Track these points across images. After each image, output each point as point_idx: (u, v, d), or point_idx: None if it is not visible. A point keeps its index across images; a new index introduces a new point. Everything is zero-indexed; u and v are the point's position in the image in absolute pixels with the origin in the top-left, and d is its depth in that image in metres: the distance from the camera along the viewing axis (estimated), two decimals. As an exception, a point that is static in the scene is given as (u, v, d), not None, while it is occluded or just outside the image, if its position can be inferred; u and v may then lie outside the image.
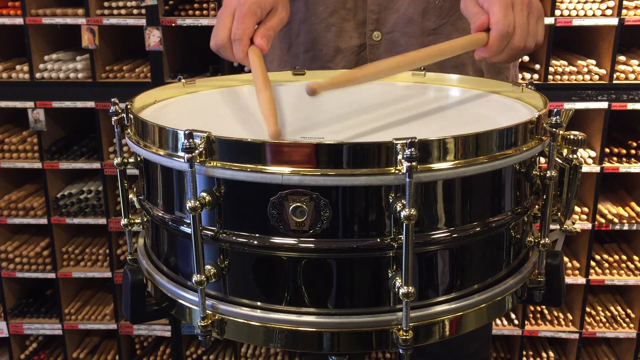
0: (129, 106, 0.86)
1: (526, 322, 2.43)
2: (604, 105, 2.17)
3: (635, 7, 2.13)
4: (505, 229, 0.79)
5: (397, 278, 0.70)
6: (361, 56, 1.26)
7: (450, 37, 1.21)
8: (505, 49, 0.95)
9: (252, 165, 0.68)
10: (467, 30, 1.17)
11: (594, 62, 2.18)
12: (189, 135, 0.68)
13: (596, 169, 2.23)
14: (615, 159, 2.27)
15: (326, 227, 0.69)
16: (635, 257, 2.35)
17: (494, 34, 0.92)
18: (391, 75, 0.91)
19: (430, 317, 0.74)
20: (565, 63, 2.20)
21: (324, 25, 1.24)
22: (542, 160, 0.87)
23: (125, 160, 0.87)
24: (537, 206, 0.86)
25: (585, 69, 2.17)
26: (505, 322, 2.45)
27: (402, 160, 0.65)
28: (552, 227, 0.85)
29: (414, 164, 0.64)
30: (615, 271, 2.37)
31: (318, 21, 1.24)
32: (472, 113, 0.99)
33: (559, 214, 0.88)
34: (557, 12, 2.11)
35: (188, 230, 0.75)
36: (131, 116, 0.85)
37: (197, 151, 0.68)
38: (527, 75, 2.17)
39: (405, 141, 0.65)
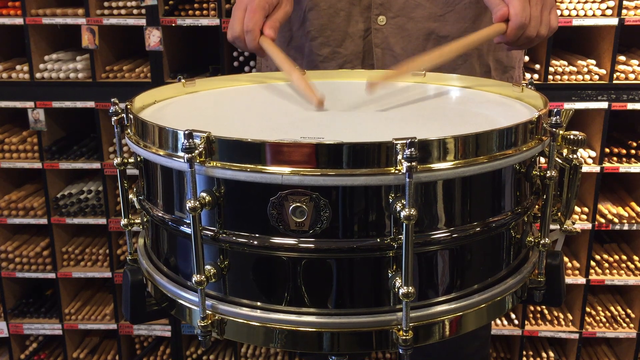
0: (128, 106, 0.86)
1: (526, 322, 2.43)
2: (604, 105, 2.17)
3: (635, 7, 2.13)
4: (505, 229, 0.79)
5: (397, 278, 0.70)
6: (367, 40, 1.28)
7: (455, 24, 1.24)
8: (520, 38, 1.06)
9: (252, 166, 0.68)
10: (471, 18, 1.25)
11: (594, 62, 2.18)
12: (189, 135, 0.68)
13: (596, 169, 2.23)
14: (615, 159, 2.27)
15: (326, 227, 0.69)
16: (635, 257, 2.35)
17: (512, 24, 1.03)
18: (434, 66, 1.05)
19: (430, 317, 0.73)
20: (565, 63, 2.20)
21: (333, 11, 1.27)
22: (542, 160, 0.87)
23: (125, 160, 0.86)
24: (537, 206, 0.86)
25: (585, 69, 2.17)
26: (505, 322, 2.45)
27: (402, 160, 0.65)
28: (552, 227, 0.85)
29: (414, 164, 0.64)
30: (615, 271, 2.37)
31: (327, 7, 1.27)
32: (472, 113, 0.99)
33: (559, 214, 0.88)
34: (557, 12, 2.11)
35: (188, 230, 0.75)
36: (131, 116, 0.85)
37: (197, 151, 0.68)
38: (527, 75, 2.17)
39: (405, 141, 0.65)
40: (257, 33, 1.09)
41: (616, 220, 2.27)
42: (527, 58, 2.21)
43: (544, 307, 2.43)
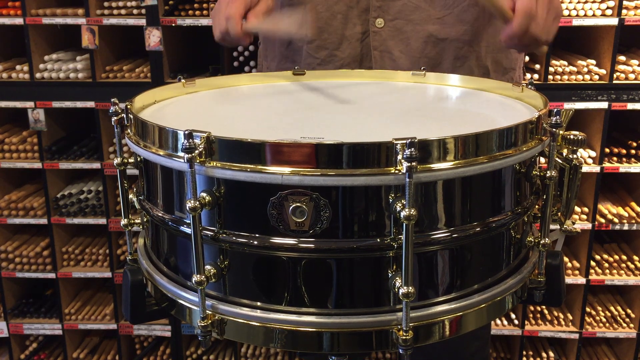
0: (128, 106, 0.86)
1: (526, 322, 2.43)
2: (604, 105, 2.17)
3: (635, 7, 2.13)
4: (505, 229, 0.79)
5: (397, 278, 0.70)
6: (365, 43, 1.28)
7: (454, 27, 1.24)
8: (526, 35, 1.00)
9: (252, 166, 0.68)
10: (469, 21, 1.26)
11: (594, 62, 2.18)
12: (189, 135, 0.68)
13: (596, 169, 2.23)
14: (615, 159, 2.27)
15: (326, 227, 0.69)
16: (635, 257, 2.35)
17: (519, 10, 0.98)
18: None
19: (430, 317, 0.74)
20: (565, 63, 2.20)
21: (330, 14, 1.26)
22: (542, 160, 0.87)
23: (125, 160, 0.87)
24: (537, 206, 0.86)
25: (585, 69, 2.17)
26: (505, 322, 2.45)
27: (402, 160, 0.65)
28: (552, 227, 0.85)
29: (414, 164, 0.64)
30: (615, 271, 2.37)
31: (324, 9, 1.27)
32: (472, 113, 0.99)
33: (559, 214, 0.88)
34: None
35: (188, 230, 0.75)
36: (131, 116, 0.85)
37: (197, 151, 0.68)
38: (527, 75, 2.17)
39: (405, 141, 0.65)
40: (238, 20, 1.07)
41: (616, 220, 2.27)
42: (527, 58, 2.21)
43: (544, 307, 2.43)
